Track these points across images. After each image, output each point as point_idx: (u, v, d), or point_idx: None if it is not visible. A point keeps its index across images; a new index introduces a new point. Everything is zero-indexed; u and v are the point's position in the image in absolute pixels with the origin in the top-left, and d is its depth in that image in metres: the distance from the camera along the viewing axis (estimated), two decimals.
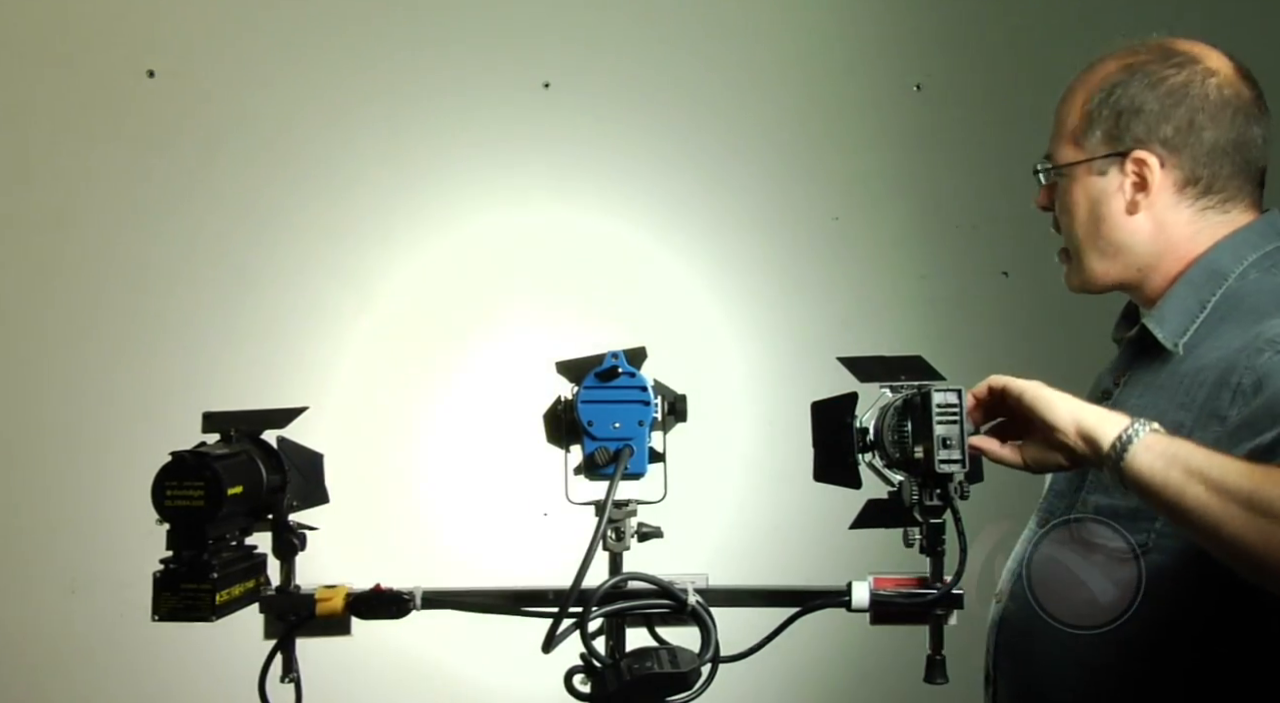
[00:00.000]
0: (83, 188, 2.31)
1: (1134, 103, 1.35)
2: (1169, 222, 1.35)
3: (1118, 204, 1.36)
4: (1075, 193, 1.39)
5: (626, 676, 1.07)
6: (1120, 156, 1.34)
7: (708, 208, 2.40)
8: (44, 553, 2.27)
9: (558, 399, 1.15)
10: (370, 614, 1.17)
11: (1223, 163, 1.33)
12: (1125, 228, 1.36)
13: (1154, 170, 1.33)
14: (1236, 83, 1.35)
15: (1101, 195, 1.37)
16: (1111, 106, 1.36)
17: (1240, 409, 1.20)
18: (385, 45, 2.36)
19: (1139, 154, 1.34)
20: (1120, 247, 1.37)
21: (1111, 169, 1.36)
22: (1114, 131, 1.35)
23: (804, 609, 1.18)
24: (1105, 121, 1.36)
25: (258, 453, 1.15)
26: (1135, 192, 1.34)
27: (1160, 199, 1.34)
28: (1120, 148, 1.34)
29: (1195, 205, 1.34)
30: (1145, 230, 1.35)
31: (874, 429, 1.19)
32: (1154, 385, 1.34)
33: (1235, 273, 1.32)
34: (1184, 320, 1.33)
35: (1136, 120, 1.34)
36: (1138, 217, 1.35)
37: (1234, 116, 1.33)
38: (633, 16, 2.42)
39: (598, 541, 1.07)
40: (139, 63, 2.32)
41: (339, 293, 2.34)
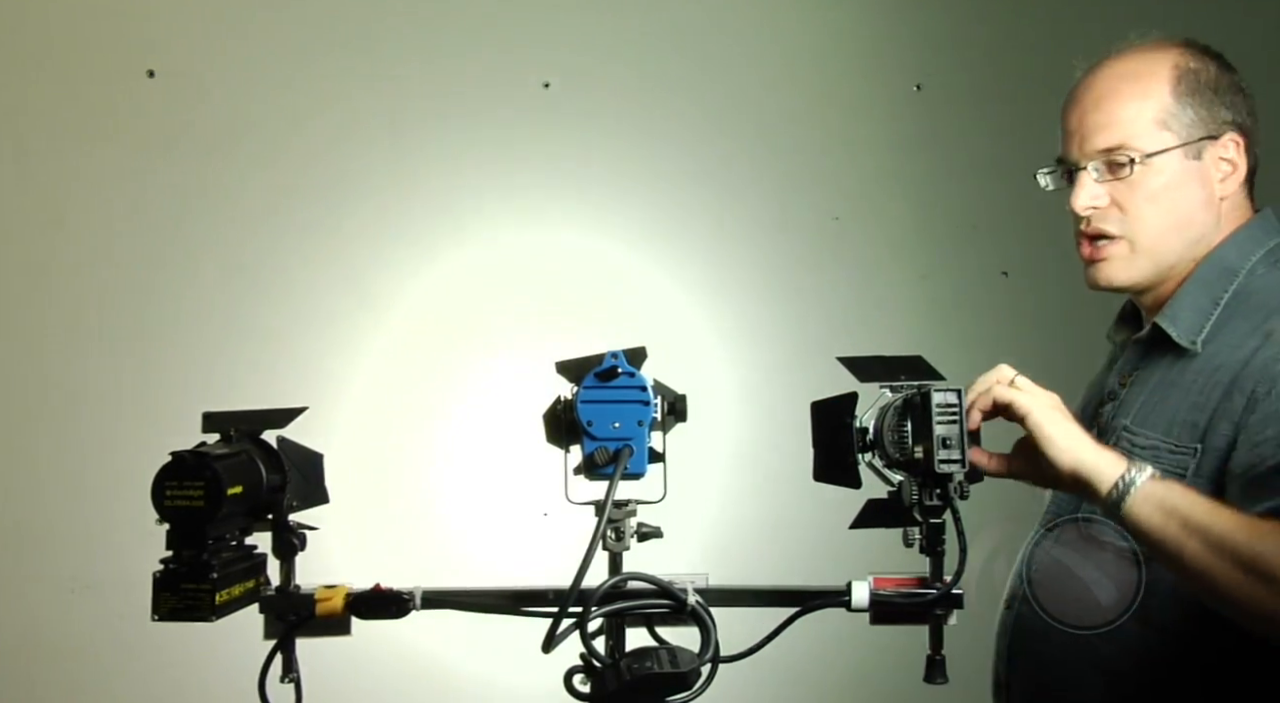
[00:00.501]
0: (83, 188, 2.31)
1: (1218, 86, 1.35)
2: (1235, 206, 1.36)
3: (1211, 189, 1.35)
4: (1169, 179, 1.34)
5: (626, 676, 1.07)
6: (1213, 139, 1.33)
7: (708, 208, 2.40)
8: (44, 553, 2.27)
9: (558, 399, 1.15)
10: (370, 614, 1.17)
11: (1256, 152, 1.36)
12: (1214, 212, 1.35)
13: (1243, 151, 1.34)
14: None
15: (1199, 180, 1.34)
16: (1201, 90, 1.35)
17: (1253, 416, 1.21)
18: (385, 45, 2.36)
19: (1232, 135, 1.34)
20: (1205, 232, 1.35)
21: (1205, 153, 1.34)
22: (1204, 115, 1.34)
23: (804, 609, 1.18)
24: (1197, 105, 1.34)
25: (258, 453, 1.15)
26: (1228, 175, 1.34)
27: (1235, 188, 1.35)
28: (1212, 131, 1.33)
29: (1246, 191, 1.37)
30: (1226, 214, 1.35)
31: (874, 429, 1.19)
32: (1165, 384, 1.34)
33: (1244, 269, 1.33)
34: (1199, 318, 1.33)
35: (1222, 102, 1.34)
36: (1226, 201, 1.35)
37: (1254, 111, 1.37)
38: (632, 17, 2.42)
39: (598, 541, 1.07)
40: (139, 63, 2.32)
41: (339, 293, 2.34)
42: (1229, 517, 1.10)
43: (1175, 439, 1.28)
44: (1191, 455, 1.26)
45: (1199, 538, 1.09)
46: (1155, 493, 1.11)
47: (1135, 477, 1.12)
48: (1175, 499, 1.12)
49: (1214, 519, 1.10)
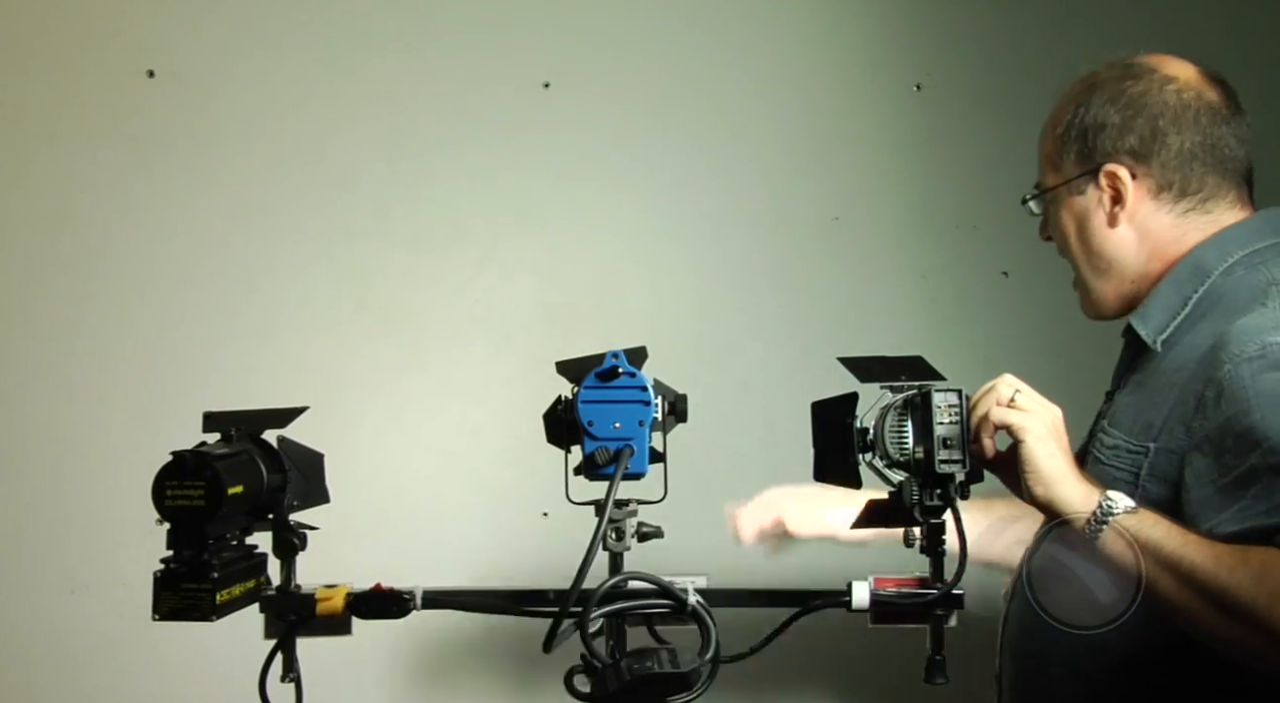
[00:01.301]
0: (82, 188, 2.31)
1: (1097, 119, 1.38)
2: (1151, 228, 1.37)
3: (1099, 219, 1.39)
4: (1062, 216, 1.43)
5: (626, 676, 1.07)
6: (1093, 173, 1.38)
7: (708, 207, 2.39)
8: (44, 553, 2.27)
9: (558, 399, 1.15)
10: (370, 614, 1.17)
11: (1193, 165, 1.35)
12: (1110, 241, 1.39)
13: (1125, 181, 1.36)
14: (1199, 86, 1.37)
15: (1084, 214, 1.40)
16: (1078, 126, 1.39)
17: (1203, 422, 1.20)
18: (385, 45, 2.36)
19: (1109, 167, 1.37)
20: (1110, 261, 1.40)
21: (1088, 187, 1.39)
22: (1084, 150, 1.39)
23: (804, 609, 1.18)
24: (1075, 142, 1.40)
25: (258, 453, 1.16)
26: (1112, 205, 1.37)
27: (1139, 208, 1.37)
28: (1091, 165, 1.38)
29: (1175, 209, 1.36)
30: (1130, 241, 1.38)
31: (874, 429, 1.19)
32: (1138, 385, 1.36)
33: (1219, 269, 1.33)
34: (1165, 317, 1.35)
35: (1102, 135, 1.37)
36: (1119, 228, 1.38)
37: (1197, 119, 1.35)
38: (633, 16, 2.41)
39: (598, 541, 1.07)
40: (139, 63, 2.32)
41: (339, 293, 2.34)
42: (1199, 550, 1.10)
43: (1133, 438, 1.29)
44: (1145, 455, 1.27)
45: (1171, 573, 1.10)
46: (1129, 530, 1.12)
47: (1108, 512, 1.13)
48: (1149, 534, 1.12)
49: (1184, 554, 1.10)
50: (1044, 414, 1.18)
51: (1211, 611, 1.08)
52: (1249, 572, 1.06)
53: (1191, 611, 1.10)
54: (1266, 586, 1.04)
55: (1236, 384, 1.17)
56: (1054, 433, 1.18)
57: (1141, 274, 1.39)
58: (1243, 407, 1.16)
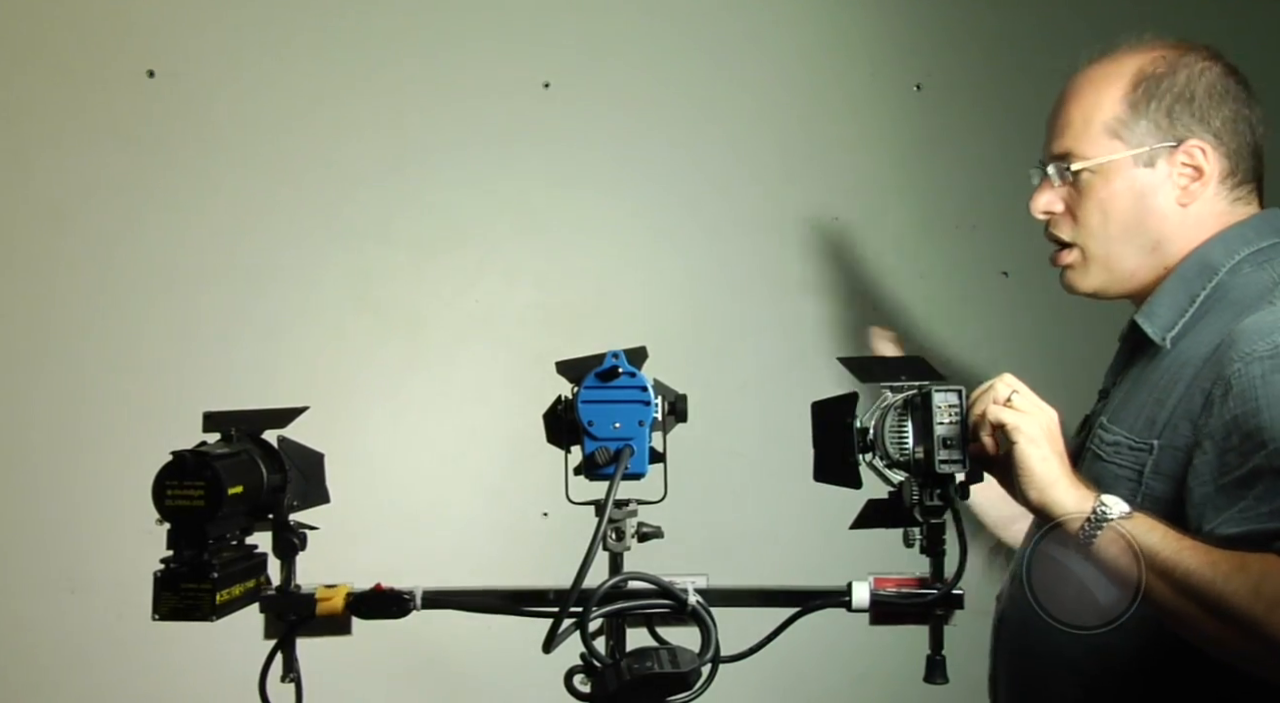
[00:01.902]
0: (82, 188, 2.31)
1: (1184, 93, 1.34)
2: (1209, 212, 1.35)
3: (1166, 196, 1.34)
4: (1115, 187, 1.35)
5: (626, 676, 1.07)
6: (1171, 147, 1.33)
7: (708, 207, 2.39)
8: (44, 553, 2.27)
9: (558, 399, 1.15)
10: (370, 614, 1.17)
11: (1245, 156, 1.35)
12: (1173, 219, 1.35)
13: (1210, 159, 1.33)
14: (1242, 83, 1.38)
15: (1148, 188, 1.34)
16: (1160, 97, 1.34)
17: (1209, 419, 1.20)
18: (385, 45, 2.36)
19: (1195, 142, 1.33)
20: (1163, 240, 1.35)
21: (1160, 160, 1.34)
22: (1163, 122, 1.34)
23: (804, 609, 1.18)
24: (1154, 112, 1.34)
25: (258, 453, 1.16)
26: (1191, 181, 1.33)
27: (1204, 191, 1.34)
28: (1171, 138, 1.33)
29: (1229, 197, 1.35)
30: (1184, 224, 1.34)
31: (874, 429, 1.19)
32: (1138, 380, 1.35)
33: (1226, 267, 1.32)
34: (1173, 315, 1.33)
35: (1189, 110, 1.33)
36: (1191, 208, 1.34)
37: (1250, 114, 1.36)
38: (633, 16, 2.41)
39: (598, 541, 1.07)
40: (139, 63, 2.32)
41: (339, 292, 2.34)
42: (1195, 556, 1.10)
43: (1136, 435, 1.28)
44: (1148, 452, 1.26)
45: (1166, 580, 1.10)
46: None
47: (1103, 517, 1.13)
48: (1143, 539, 1.12)
49: (1180, 560, 1.10)
50: (1039, 416, 1.17)
51: (1208, 617, 1.08)
52: (1246, 579, 1.05)
53: (1188, 616, 1.09)
54: (1265, 594, 1.04)
55: (1246, 383, 1.17)
56: (1048, 436, 1.17)
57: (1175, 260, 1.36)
58: (1251, 406, 1.15)
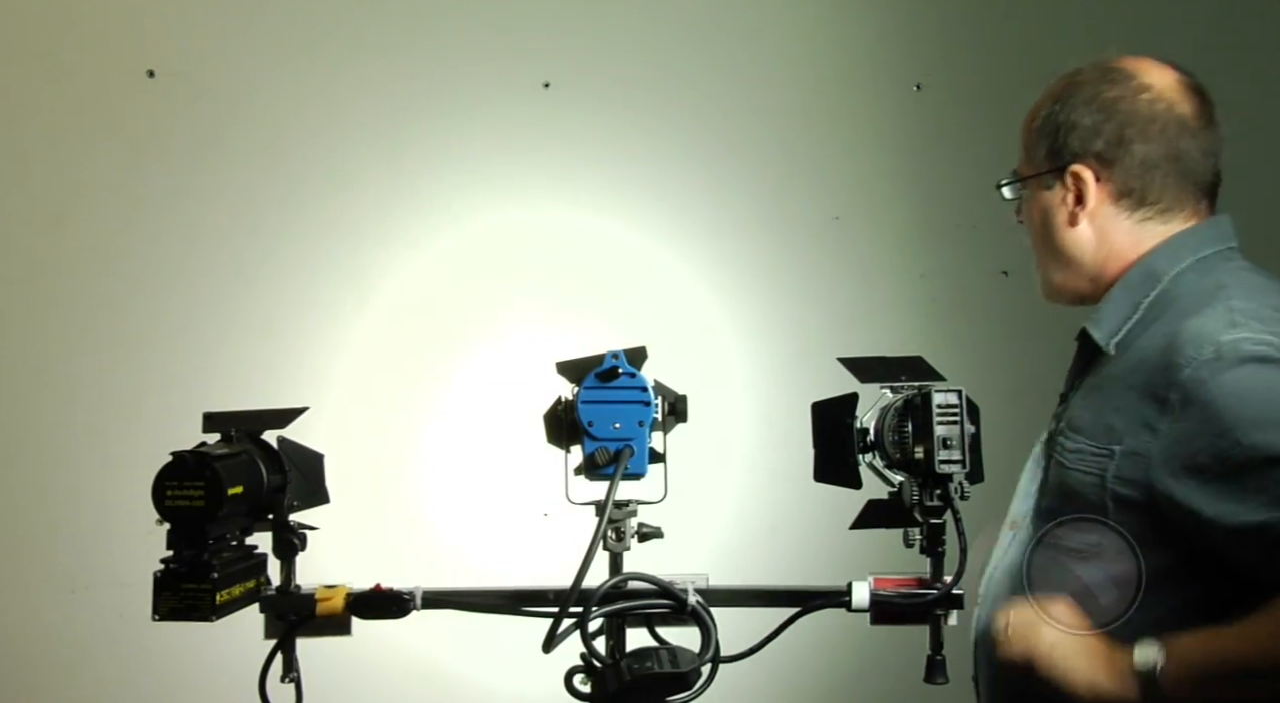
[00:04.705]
0: (82, 187, 2.31)
1: (1070, 119, 1.40)
2: (1110, 231, 1.39)
3: (1061, 216, 1.41)
4: (1030, 207, 1.46)
5: (626, 676, 1.07)
6: (1060, 171, 1.40)
7: (708, 207, 2.39)
8: (44, 553, 2.27)
9: (558, 399, 1.15)
10: (370, 614, 1.17)
11: (1154, 175, 1.37)
12: (1069, 239, 1.41)
13: (1089, 184, 1.38)
14: (1174, 97, 1.38)
15: (1049, 208, 1.43)
16: (1051, 123, 1.41)
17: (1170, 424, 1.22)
18: (385, 45, 2.36)
19: (1075, 168, 1.38)
20: (1069, 258, 1.42)
21: (1055, 183, 1.41)
22: (1054, 147, 1.41)
23: (804, 609, 1.18)
24: (1047, 138, 1.42)
25: (258, 453, 1.15)
26: (1075, 204, 1.39)
27: (1100, 211, 1.39)
28: (1059, 163, 1.40)
29: (1134, 216, 1.38)
30: (1088, 241, 1.40)
31: (874, 429, 1.19)
32: (1094, 388, 1.37)
33: (1170, 275, 1.36)
34: (1118, 322, 1.37)
35: (1072, 136, 1.39)
36: (1079, 228, 1.40)
37: (1165, 130, 1.36)
38: (633, 16, 2.41)
39: (598, 541, 1.07)
40: (139, 63, 2.32)
41: (339, 292, 2.34)
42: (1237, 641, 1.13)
43: (1097, 442, 1.30)
44: (1110, 458, 1.28)
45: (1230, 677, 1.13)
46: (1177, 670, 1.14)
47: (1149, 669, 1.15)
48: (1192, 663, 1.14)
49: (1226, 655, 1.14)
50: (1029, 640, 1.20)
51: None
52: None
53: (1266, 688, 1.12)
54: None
55: (1199, 387, 1.20)
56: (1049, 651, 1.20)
57: (1098, 274, 1.42)
58: (1212, 409, 1.19)
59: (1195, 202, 1.39)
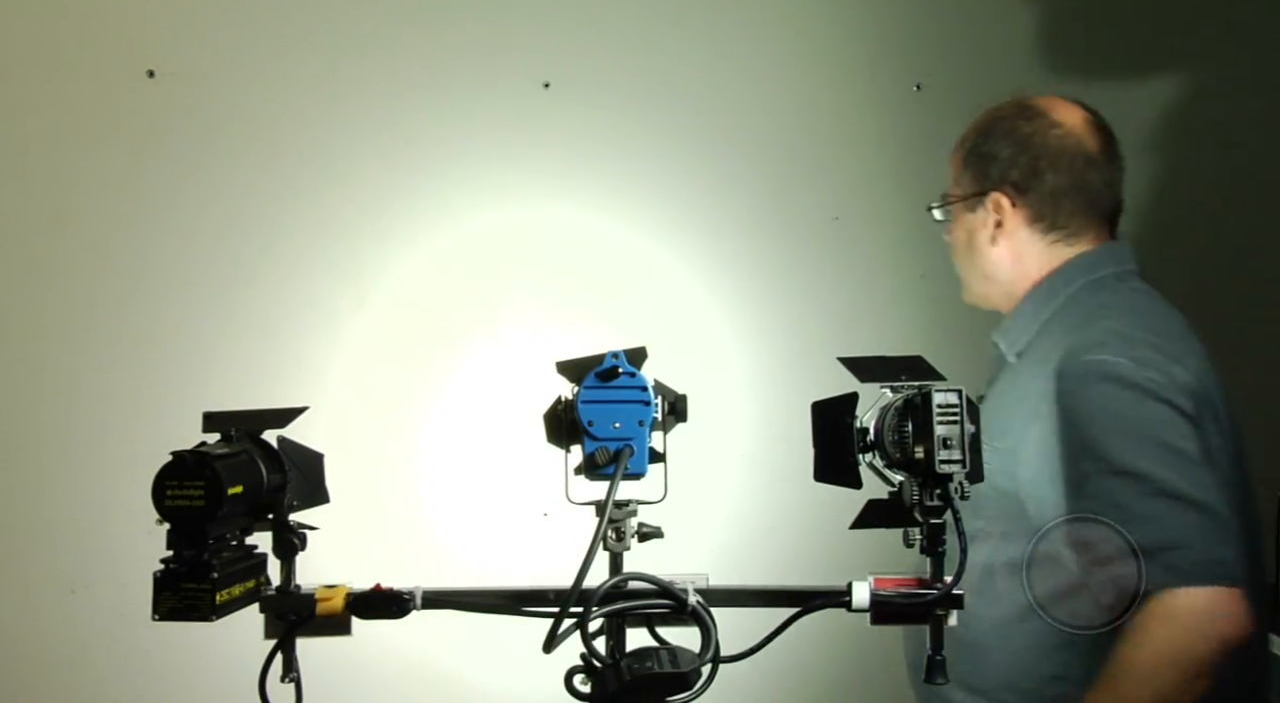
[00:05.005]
0: (81, 188, 2.31)
1: (991, 150, 1.59)
2: (1024, 252, 1.57)
3: (983, 237, 1.60)
4: (957, 226, 1.66)
5: (626, 676, 1.07)
6: (982, 196, 1.59)
7: (708, 207, 2.39)
8: (44, 553, 2.27)
9: (558, 399, 1.15)
10: (370, 614, 1.16)
11: (1062, 203, 1.55)
12: (989, 257, 1.60)
13: (1005, 209, 1.57)
14: (1082, 133, 1.56)
15: (973, 229, 1.62)
16: (975, 153, 1.62)
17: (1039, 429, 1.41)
18: (385, 45, 2.36)
19: (994, 195, 1.58)
20: (988, 273, 1.61)
21: (979, 207, 1.60)
22: (978, 175, 1.60)
23: (804, 609, 1.18)
24: (972, 167, 1.62)
25: (258, 453, 1.15)
26: (995, 227, 1.58)
27: (1016, 233, 1.57)
28: (982, 189, 1.59)
29: (1045, 239, 1.56)
30: (1006, 259, 1.59)
31: (874, 429, 1.19)
32: (999, 394, 1.54)
33: (1066, 293, 1.53)
34: (1022, 334, 1.56)
35: (993, 165, 1.58)
36: (998, 247, 1.59)
37: (1073, 163, 1.54)
38: (633, 16, 2.42)
39: (598, 541, 1.07)
40: (139, 63, 2.32)
41: (339, 292, 2.34)
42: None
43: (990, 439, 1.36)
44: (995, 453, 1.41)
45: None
46: None
47: None
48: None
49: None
50: None
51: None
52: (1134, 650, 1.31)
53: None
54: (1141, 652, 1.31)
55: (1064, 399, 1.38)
56: None
57: (1012, 289, 1.59)
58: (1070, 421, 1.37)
59: (1098, 227, 1.57)
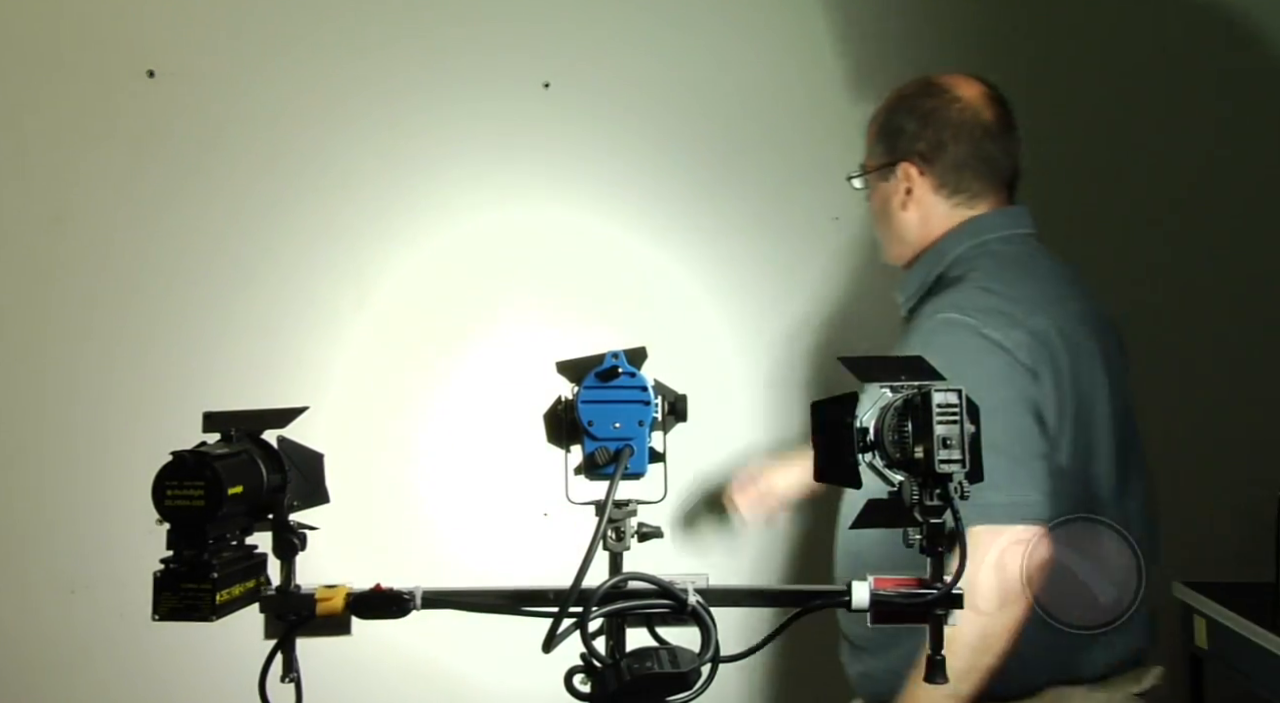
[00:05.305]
0: (82, 188, 2.31)
1: (899, 125, 1.75)
2: (931, 215, 1.73)
3: (896, 203, 1.76)
4: (874, 194, 1.81)
5: (626, 676, 1.07)
6: (893, 166, 1.74)
7: (708, 207, 2.40)
8: (44, 553, 2.28)
9: (558, 399, 1.15)
10: (370, 614, 1.16)
11: (963, 171, 1.70)
12: (901, 221, 1.76)
13: (914, 177, 1.73)
14: (979, 106, 1.72)
15: (887, 196, 1.77)
16: (886, 127, 1.77)
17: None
18: (385, 45, 2.36)
19: (903, 165, 1.73)
20: (901, 235, 1.77)
21: (891, 176, 1.75)
22: (889, 147, 1.76)
23: (804, 609, 1.18)
24: (883, 139, 1.77)
25: (258, 453, 1.15)
26: (905, 193, 1.74)
27: (924, 199, 1.73)
28: (893, 160, 1.74)
29: (949, 203, 1.72)
30: (915, 222, 1.74)
31: (874, 429, 1.19)
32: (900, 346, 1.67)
33: (952, 255, 1.69)
34: (913, 291, 1.73)
35: (901, 138, 1.74)
36: (909, 212, 1.74)
37: (972, 134, 1.70)
38: (633, 16, 2.42)
39: (598, 541, 1.06)
40: (139, 63, 2.32)
41: (340, 293, 2.34)
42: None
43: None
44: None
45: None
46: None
47: None
48: None
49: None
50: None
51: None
52: None
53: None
54: None
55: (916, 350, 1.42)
56: None
57: (922, 249, 1.74)
58: None
59: (996, 192, 1.72)
